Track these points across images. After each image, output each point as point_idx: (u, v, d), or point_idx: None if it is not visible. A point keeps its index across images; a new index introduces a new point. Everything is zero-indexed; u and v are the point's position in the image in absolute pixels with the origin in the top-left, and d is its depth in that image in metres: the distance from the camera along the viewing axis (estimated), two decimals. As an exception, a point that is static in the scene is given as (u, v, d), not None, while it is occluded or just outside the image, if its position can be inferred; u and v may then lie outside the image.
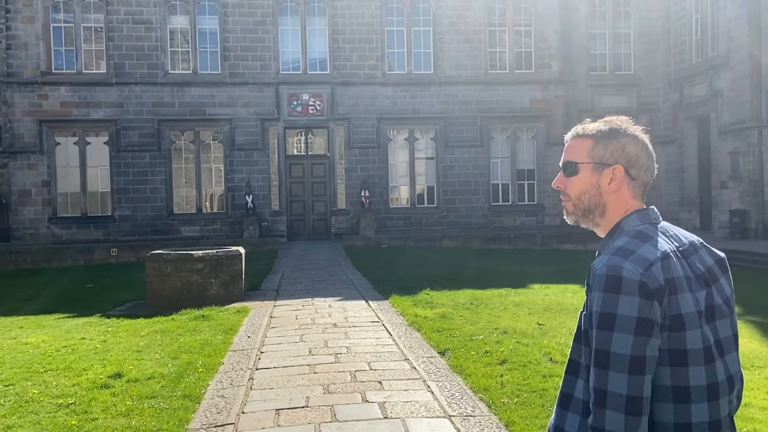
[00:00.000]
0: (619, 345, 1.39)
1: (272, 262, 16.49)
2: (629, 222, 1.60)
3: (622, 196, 1.62)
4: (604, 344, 1.41)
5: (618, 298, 1.41)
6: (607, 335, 1.40)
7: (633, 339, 1.39)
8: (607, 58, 23.87)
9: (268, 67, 22.23)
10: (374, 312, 8.79)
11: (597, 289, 1.44)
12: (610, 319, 1.41)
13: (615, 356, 1.39)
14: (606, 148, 1.62)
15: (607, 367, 1.40)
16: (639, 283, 1.42)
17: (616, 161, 1.61)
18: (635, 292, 1.41)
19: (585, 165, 1.64)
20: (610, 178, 1.61)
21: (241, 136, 22.12)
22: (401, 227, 22.39)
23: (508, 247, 20.33)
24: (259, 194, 21.94)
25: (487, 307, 8.64)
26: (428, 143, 23.12)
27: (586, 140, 1.65)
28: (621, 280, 1.41)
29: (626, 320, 1.39)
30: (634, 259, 1.45)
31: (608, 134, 1.63)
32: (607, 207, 1.63)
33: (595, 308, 1.44)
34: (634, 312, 1.40)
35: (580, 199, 1.66)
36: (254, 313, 9.03)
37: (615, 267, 1.43)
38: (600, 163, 1.62)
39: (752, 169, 19.53)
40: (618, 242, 1.53)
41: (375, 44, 22.55)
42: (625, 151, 1.62)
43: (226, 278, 10.26)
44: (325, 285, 12.02)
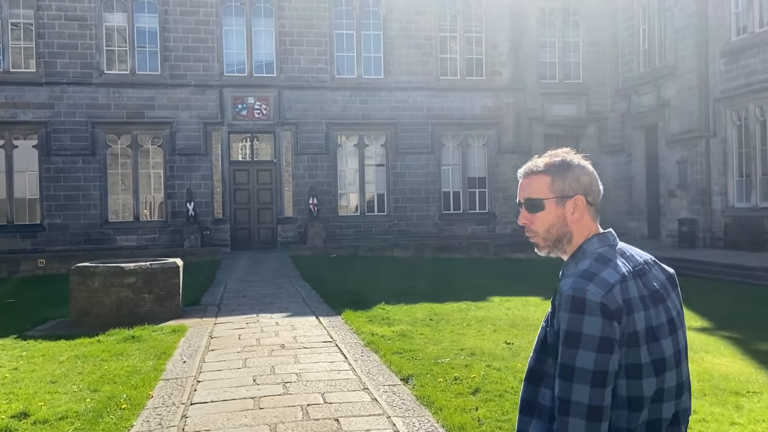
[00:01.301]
0: (583, 360, 1.51)
1: (214, 273, 15.53)
2: (590, 245, 1.70)
3: (584, 222, 1.73)
4: (569, 359, 1.53)
5: (582, 318, 1.53)
6: (573, 351, 1.52)
7: (595, 355, 1.51)
8: (556, 66, 23.80)
9: (212, 69, 21.22)
10: (326, 330, 8.04)
11: (564, 309, 1.56)
12: (575, 337, 1.53)
13: (579, 370, 1.51)
14: (564, 182, 1.71)
15: (571, 380, 1.52)
16: (600, 305, 1.53)
17: (576, 192, 1.71)
18: (598, 313, 1.53)
19: (549, 200, 1.72)
20: (572, 208, 1.71)
21: (182, 141, 21.01)
22: (350, 236, 21.67)
23: (460, 256, 19.86)
24: (202, 202, 20.87)
25: (449, 324, 8.01)
26: (378, 150, 22.51)
27: (543, 176, 1.73)
28: (585, 302, 1.54)
29: (590, 339, 1.52)
30: (597, 282, 1.57)
31: (561, 168, 1.72)
32: (573, 234, 1.73)
33: (562, 326, 1.56)
34: (597, 331, 1.52)
35: (549, 231, 1.73)
36: (192, 333, 8.15)
37: (580, 289, 1.55)
38: (562, 196, 1.71)
39: (700, 179, 19.63)
40: (581, 265, 1.64)
41: (324, 47, 21.84)
42: (580, 181, 1.72)
43: (162, 293, 9.33)
44: (272, 299, 11.19)
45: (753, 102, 17.91)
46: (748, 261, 14.98)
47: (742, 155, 18.64)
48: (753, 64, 17.70)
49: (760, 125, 17.90)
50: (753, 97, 17.82)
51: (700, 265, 15.47)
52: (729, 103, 18.72)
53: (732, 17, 18.71)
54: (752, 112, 18.02)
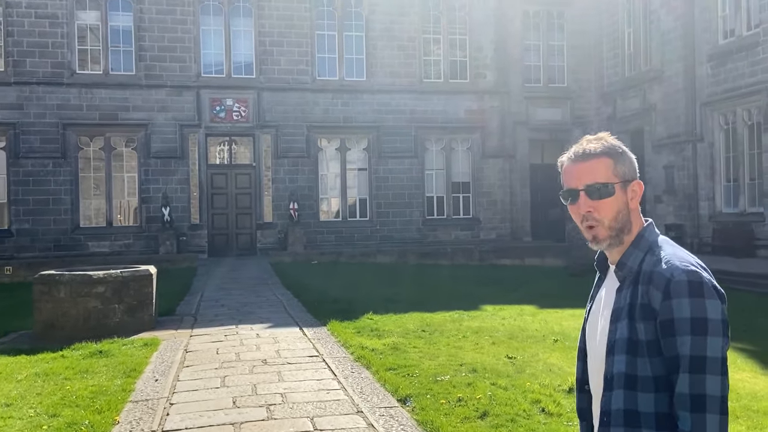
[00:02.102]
0: (714, 348, 1.41)
1: (191, 281, 14.85)
2: (651, 233, 1.61)
3: (637, 210, 1.65)
4: (699, 349, 1.40)
5: (705, 302, 1.42)
6: (702, 340, 1.40)
7: (722, 341, 1.42)
8: (541, 70, 23.49)
9: (189, 69, 20.54)
10: (311, 343, 7.46)
11: (680, 295, 1.43)
12: (702, 324, 1.41)
13: (711, 360, 1.40)
14: (625, 165, 1.62)
15: (704, 371, 1.39)
16: (714, 287, 1.45)
17: (633, 176, 1.64)
18: (716, 296, 1.44)
19: (617, 185, 1.60)
20: (632, 194, 1.62)
21: (157, 143, 20.28)
22: (332, 242, 21.08)
23: (444, 262, 19.39)
24: (178, 206, 20.14)
25: (443, 336, 7.48)
26: (361, 154, 21.97)
27: (605, 159, 1.61)
28: (703, 285, 1.44)
29: (716, 324, 1.42)
30: (698, 264, 1.48)
31: (619, 150, 1.63)
32: (632, 223, 1.62)
33: (680, 315, 1.43)
34: (719, 315, 1.43)
35: (616, 220, 1.59)
36: (166, 346, 7.53)
37: (694, 273, 1.45)
38: (625, 180, 1.61)
39: (687, 183, 19.39)
40: (661, 252, 1.53)
41: (305, 48, 21.27)
42: (634, 166, 1.66)
43: (133, 303, 8.68)
44: (252, 308, 10.58)
45: (741, 106, 17.71)
46: (740, 267, 14.68)
47: (730, 160, 18.42)
48: (741, 67, 17.50)
49: (748, 129, 17.69)
50: (741, 101, 17.62)
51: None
52: (716, 107, 18.51)
53: (719, 20, 18.52)
54: (740, 116, 17.82)
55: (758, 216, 17.14)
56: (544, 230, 22.93)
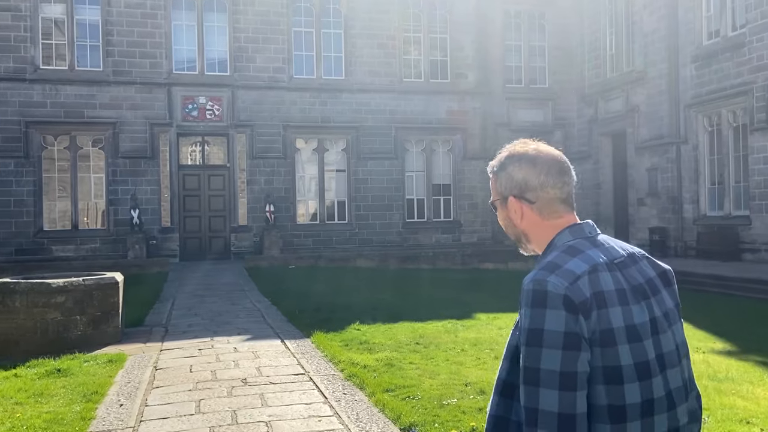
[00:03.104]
0: (549, 361, 1.33)
1: (161, 287, 14.05)
2: (561, 238, 1.55)
3: (531, 221, 1.57)
4: (533, 361, 1.35)
5: (544, 312, 1.36)
6: (536, 351, 1.35)
7: (561, 354, 1.33)
8: (522, 70, 23.10)
9: (159, 66, 19.68)
10: (295, 358, 6.79)
11: (524, 305, 1.41)
12: (537, 335, 1.36)
13: (545, 373, 1.33)
14: (500, 182, 1.61)
15: (537, 384, 1.34)
16: (563, 297, 1.37)
17: (510, 192, 1.59)
18: (560, 306, 1.36)
19: (497, 201, 1.63)
20: (513, 210, 1.59)
21: (126, 143, 19.37)
22: (310, 246, 20.38)
23: (426, 266, 18.83)
24: (147, 209, 19.25)
25: (440, 349, 6.87)
26: (339, 154, 21.30)
27: (492, 177, 1.65)
28: (546, 294, 1.38)
29: (553, 335, 1.35)
30: (560, 273, 1.41)
31: (499, 168, 1.62)
32: (527, 234, 1.60)
33: (523, 324, 1.40)
34: (561, 327, 1.35)
35: (507, 231, 1.66)
36: (133, 363, 6.79)
37: (540, 281, 1.40)
38: (502, 197, 1.61)
39: (671, 186, 19.11)
40: (547, 257, 1.49)
41: (281, 45, 20.55)
42: (513, 180, 1.58)
43: (97, 314, 7.92)
44: (228, 317, 9.86)
45: (726, 107, 17.46)
46: (729, 271, 14.36)
47: (714, 162, 18.17)
48: (726, 68, 17.25)
49: (733, 131, 17.45)
50: (726, 102, 17.37)
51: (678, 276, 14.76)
52: (701, 108, 18.26)
53: (703, 21, 18.29)
54: (725, 118, 17.57)
55: (744, 219, 16.89)
56: (526, 233, 22.48)
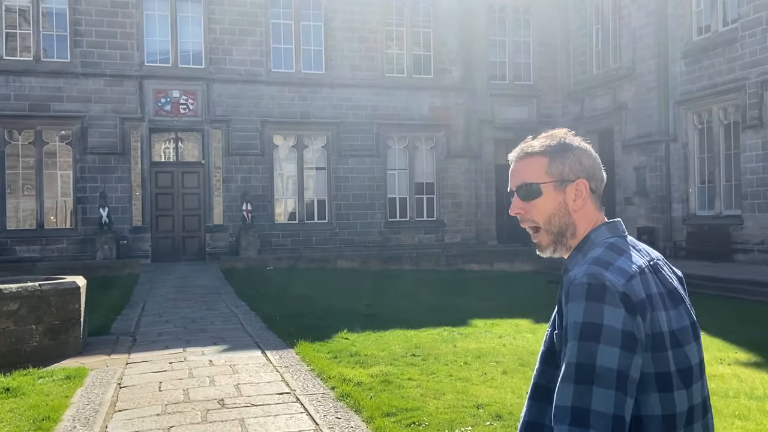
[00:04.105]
0: (606, 358, 1.23)
1: (131, 290, 13.19)
2: (599, 234, 1.50)
3: (587, 211, 1.52)
4: (587, 357, 1.24)
5: (602, 307, 1.28)
6: (592, 347, 1.25)
7: (619, 353, 1.24)
8: (507, 66, 22.56)
9: (130, 57, 18.75)
10: (278, 372, 6.06)
11: (577, 298, 1.31)
12: (594, 329, 1.25)
13: (600, 370, 1.23)
14: (564, 164, 1.50)
15: (591, 383, 1.22)
16: (622, 294, 1.29)
17: (578, 175, 1.50)
18: (619, 303, 1.28)
19: (546, 185, 1.49)
20: (574, 194, 1.49)
21: (95, 138, 18.41)
22: (288, 246, 19.59)
23: (410, 267, 18.19)
24: (118, 207, 18.30)
25: (439, 362, 6.19)
26: (319, 152, 20.54)
27: (539, 158, 1.51)
28: (605, 288, 1.30)
29: (612, 331, 1.25)
30: (615, 270, 1.34)
31: (561, 149, 1.51)
32: (576, 226, 1.50)
33: (574, 319, 1.29)
34: (619, 324, 1.26)
35: (551, 222, 1.49)
36: (94, 379, 6.01)
37: (597, 275, 1.32)
38: (562, 180, 1.49)
39: (660, 185, 18.69)
40: (593, 253, 1.42)
41: (259, 38, 19.74)
42: (582, 164, 1.51)
43: (55, 323, 7.10)
44: (203, 324, 9.08)
45: (717, 104, 17.06)
46: (725, 273, 13.91)
47: (704, 160, 17.78)
48: (717, 64, 16.85)
49: (724, 129, 17.06)
50: (717, 99, 16.98)
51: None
52: (690, 105, 17.85)
53: (693, 16, 17.89)
54: (716, 115, 17.17)
55: (736, 219, 16.50)
56: (509, 233, 21.99)
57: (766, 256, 15.52)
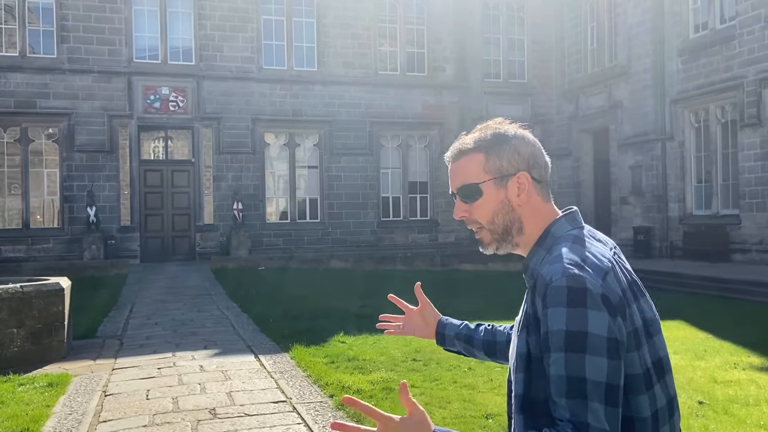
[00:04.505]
0: (594, 370, 1.17)
1: (119, 291, 12.84)
2: (560, 227, 1.39)
3: (534, 203, 1.41)
4: (577, 369, 1.17)
5: (586, 313, 1.19)
6: (579, 359, 1.17)
7: (608, 363, 1.18)
8: (501, 64, 22.34)
9: (119, 53, 18.36)
10: (273, 379, 5.76)
11: (557, 304, 1.21)
12: (580, 339, 1.18)
13: (592, 384, 1.17)
14: (501, 157, 1.41)
15: (584, 397, 1.16)
16: (602, 296, 1.22)
17: (517, 168, 1.41)
18: (602, 307, 1.21)
19: (486, 183, 1.41)
20: (517, 188, 1.40)
21: (83, 136, 18.02)
22: (280, 246, 19.27)
23: (403, 267, 17.89)
24: (106, 206, 17.92)
25: (442, 367, 5.91)
26: (311, 150, 20.23)
27: (474, 155, 1.43)
28: (586, 292, 1.21)
29: (598, 340, 1.18)
30: (590, 267, 1.25)
31: (495, 141, 1.43)
32: (522, 221, 1.41)
33: (557, 326, 1.20)
34: (604, 331, 1.19)
35: (494, 222, 1.41)
36: (78, 386, 5.68)
37: (576, 277, 1.22)
38: (501, 175, 1.40)
39: (656, 184, 18.51)
40: (560, 249, 1.31)
41: (250, 34, 19.40)
42: (520, 154, 1.42)
43: (38, 326, 6.77)
44: (193, 327, 8.76)
45: (714, 103, 16.89)
46: (725, 273, 13.71)
47: (701, 159, 17.61)
48: (715, 62, 16.68)
49: (721, 127, 16.90)
50: (714, 97, 16.80)
51: (667, 277, 14.11)
52: (687, 104, 17.68)
53: (690, 13, 17.72)
54: (713, 114, 17.00)
55: (733, 218, 16.33)
56: (504, 233, 21.78)
57: (764, 256, 15.36)
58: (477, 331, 1.80)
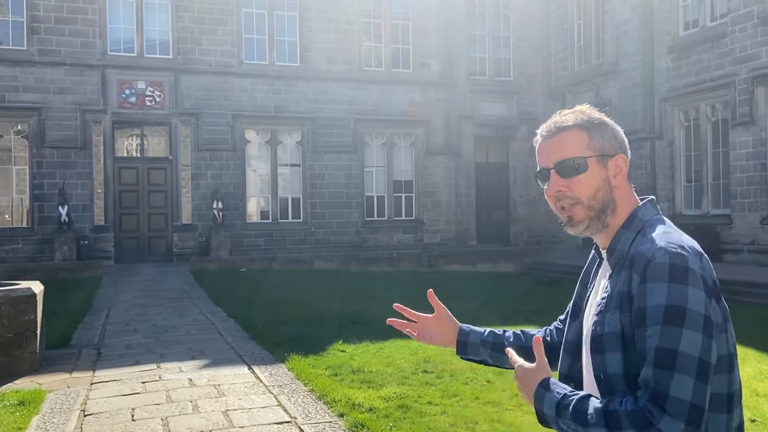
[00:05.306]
0: (688, 344, 1.19)
1: (94, 294, 12.15)
2: (646, 212, 1.45)
3: (624, 188, 1.47)
4: (670, 341, 1.19)
5: (686, 290, 1.22)
6: (676, 332, 1.20)
7: (702, 339, 1.20)
8: (487, 62, 21.95)
9: (92, 46, 17.57)
10: (272, 394, 5.20)
11: (659, 279, 1.23)
12: (679, 313, 1.20)
13: (683, 356, 1.19)
14: (603, 138, 1.44)
15: (673, 369, 1.18)
16: (702, 276, 1.25)
17: (616, 150, 1.46)
18: (701, 286, 1.24)
19: (591, 159, 1.42)
20: (614, 169, 1.44)
21: (54, 131, 17.20)
22: (261, 246, 18.64)
23: (390, 268, 17.44)
24: (78, 205, 17.12)
25: (458, 380, 5.41)
26: (294, 148, 19.62)
27: (578, 132, 1.43)
28: (687, 270, 1.24)
29: (696, 316, 1.21)
30: (689, 249, 1.29)
31: (598, 122, 1.46)
32: (617, 203, 1.44)
33: (656, 301, 1.23)
34: (702, 308, 1.22)
35: (595, 198, 1.41)
36: (53, 404, 5.08)
37: (679, 255, 1.25)
38: (603, 154, 1.43)
39: (645, 183, 18.25)
40: (652, 231, 1.35)
41: (230, 27, 18.73)
42: (617, 139, 1.47)
43: (7, 336, 6.13)
44: (176, 334, 8.15)
45: (704, 101, 16.67)
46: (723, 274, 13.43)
47: (691, 158, 17.39)
48: (705, 60, 16.45)
49: (712, 126, 16.68)
50: (704, 95, 16.58)
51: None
52: (677, 102, 17.45)
53: (680, 10, 17.49)
54: (703, 112, 16.79)
55: (725, 218, 16.12)
56: (489, 233, 21.47)
57: (756, 256, 15.16)
58: (505, 337, 1.77)
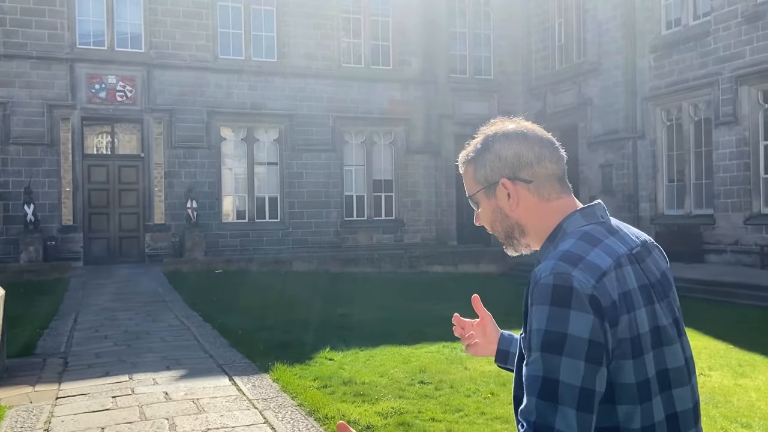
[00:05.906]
0: (569, 373, 1.13)
1: (61, 297, 11.53)
2: (572, 222, 1.34)
3: (528, 205, 1.37)
4: (551, 371, 1.13)
5: (568, 313, 1.15)
6: (554, 360, 1.13)
7: (584, 366, 1.13)
8: (467, 60, 21.66)
9: (60, 38, 16.86)
10: (257, 409, 4.76)
11: (541, 301, 1.18)
12: (558, 340, 1.14)
13: (564, 387, 1.12)
14: (485, 167, 1.39)
15: (555, 400, 1.12)
16: (590, 297, 1.16)
17: (500, 175, 1.38)
18: (587, 308, 1.15)
19: (479, 194, 1.42)
20: (505, 195, 1.37)
21: (19, 127, 16.47)
22: (237, 247, 18.10)
23: (371, 270, 17.03)
24: (45, 204, 16.40)
25: (458, 392, 5.02)
26: (271, 145, 19.10)
27: (468, 167, 1.44)
28: (571, 291, 1.16)
29: (577, 342, 1.13)
30: (585, 266, 1.20)
31: (482, 150, 1.41)
32: (523, 225, 1.38)
33: (537, 325, 1.17)
34: (586, 333, 1.14)
35: (495, 229, 1.43)
36: (13, 423, 4.57)
37: (563, 275, 1.18)
38: (488, 184, 1.39)
39: (627, 183, 18.12)
40: (563, 245, 1.28)
41: (205, 20, 18.15)
42: (501, 159, 1.38)
43: (-36, 348, 5.59)
44: (150, 341, 7.64)
45: (687, 100, 16.56)
46: (706, 275, 13.30)
47: (673, 158, 17.28)
48: (688, 59, 16.34)
49: (695, 126, 16.58)
50: (687, 95, 16.47)
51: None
52: (659, 101, 17.32)
53: (662, 9, 17.37)
54: (686, 112, 16.67)
55: (707, 218, 16.02)
56: (469, 234, 21.16)
57: (739, 257, 15.07)
58: None
